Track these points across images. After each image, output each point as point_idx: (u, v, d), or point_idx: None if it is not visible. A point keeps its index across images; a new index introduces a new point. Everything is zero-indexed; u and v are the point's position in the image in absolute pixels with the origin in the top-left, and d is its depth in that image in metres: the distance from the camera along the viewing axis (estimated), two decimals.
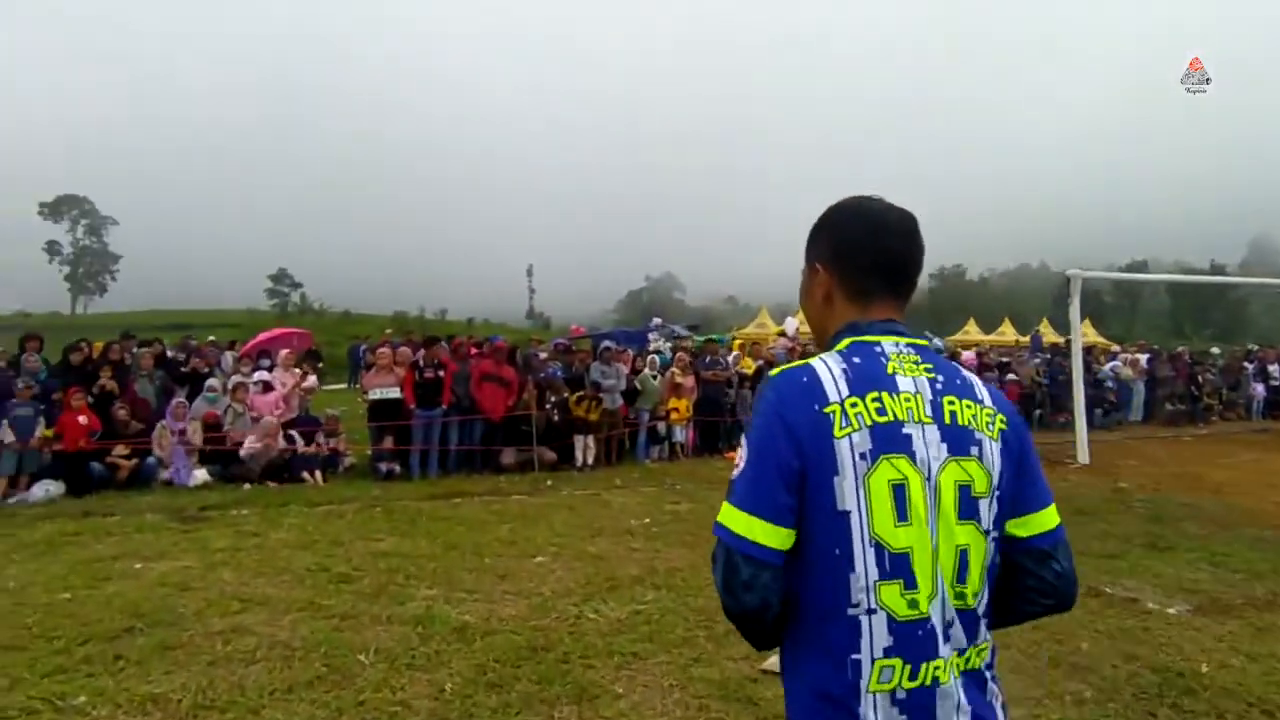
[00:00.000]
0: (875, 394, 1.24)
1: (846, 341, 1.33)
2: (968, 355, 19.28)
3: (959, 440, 1.26)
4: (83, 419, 8.70)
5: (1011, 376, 17.97)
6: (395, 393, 10.00)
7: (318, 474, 9.49)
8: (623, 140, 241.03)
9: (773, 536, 1.20)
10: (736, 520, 1.22)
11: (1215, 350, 22.29)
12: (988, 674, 1.26)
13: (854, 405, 1.22)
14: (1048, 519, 1.32)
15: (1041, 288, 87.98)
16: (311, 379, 11.64)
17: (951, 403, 1.27)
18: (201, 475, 9.09)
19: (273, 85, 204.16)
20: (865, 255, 1.37)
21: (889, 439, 1.22)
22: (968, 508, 1.24)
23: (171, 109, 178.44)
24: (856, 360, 1.28)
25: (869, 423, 1.21)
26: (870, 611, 1.18)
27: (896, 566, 1.19)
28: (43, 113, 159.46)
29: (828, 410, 1.22)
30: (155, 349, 10.86)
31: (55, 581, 5.28)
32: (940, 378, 1.30)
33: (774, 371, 1.32)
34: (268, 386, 10.33)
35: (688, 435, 11.98)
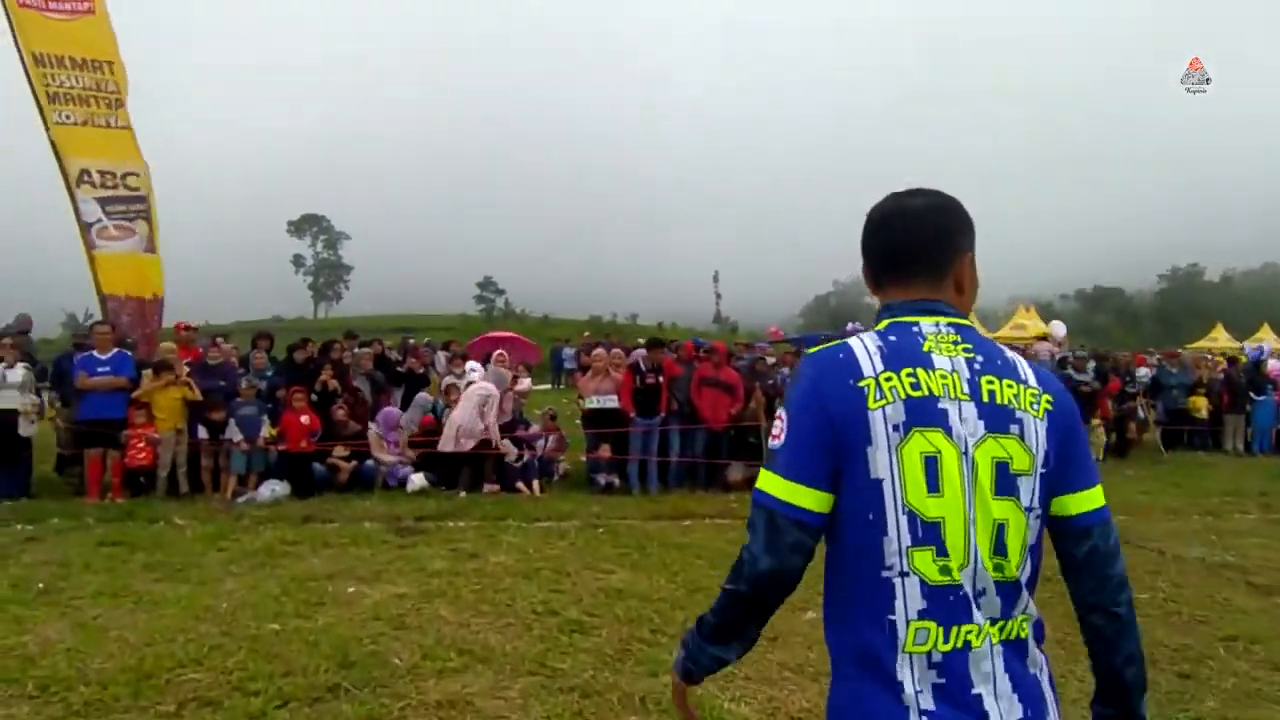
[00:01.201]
0: (910, 369, 1.23)
1: (885, 322, 1.33)
2: (1275, 365, 15.82)
3: (997, 418, 1.23)
4: (304, 419, 8.50)
5: None
6: (613, 401, 9.14)
7: (535, 484, 8.80)
8: (809, 148, 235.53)
9: (814, 500, 1.22)
10: (779, 486, 1.24)
11: None
12: (1031, 644, 1.24)
13: (888, 379, 1.22)
14: (1090, 499, 1.30)
15: None
16: (525, 381, 11.07)
17: (990, 382, 1.25)
18: (419, 480, 8.66)
19: (476, 119, 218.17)
20: (874, 250, 1.40)
21: (923, 412, 1.20)
22: (1005, 484, 1.22)
23: (395, 135, 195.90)
24: (892, 339, 1.28)
25: (903, 396, 1.21)
26: (903, 575, 1.18)
27: (928, 534, 1.18)
28: (288, 145, 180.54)
29: (862, 384, 1.22)
30: (374, 349, 10.70)
31: (267, 604, 4.72)
32: (980, 358, 1.28)
33: (812, 350, 1.34)
34: None
35: None
